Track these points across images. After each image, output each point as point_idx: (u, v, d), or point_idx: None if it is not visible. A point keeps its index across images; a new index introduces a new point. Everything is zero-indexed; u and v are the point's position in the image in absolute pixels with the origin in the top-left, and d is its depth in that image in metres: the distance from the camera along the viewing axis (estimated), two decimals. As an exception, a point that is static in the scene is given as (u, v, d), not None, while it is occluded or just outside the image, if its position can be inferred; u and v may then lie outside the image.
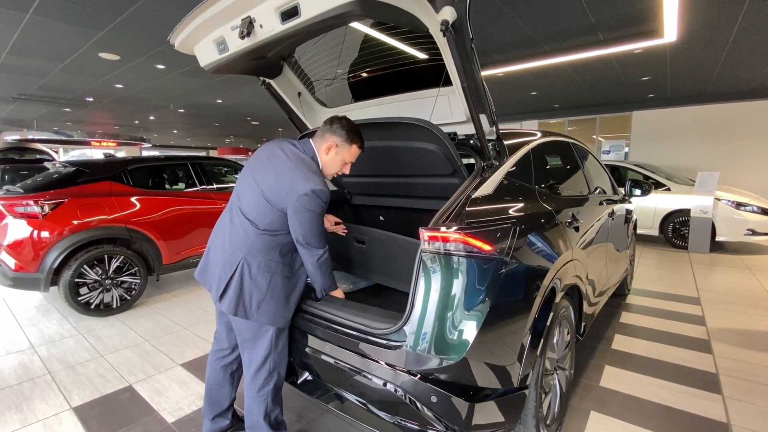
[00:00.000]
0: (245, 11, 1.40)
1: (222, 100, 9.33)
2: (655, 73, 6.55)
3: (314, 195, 1.49)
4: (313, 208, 1.50)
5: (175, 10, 3.94)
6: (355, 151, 1.68)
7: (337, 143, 1.63)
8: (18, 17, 4.04)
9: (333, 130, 1.63)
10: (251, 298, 1.54)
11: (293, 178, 1.53)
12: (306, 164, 1.58)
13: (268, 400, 1.63)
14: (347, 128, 1.63)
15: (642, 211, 6.43)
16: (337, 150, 1.64)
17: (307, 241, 1.55)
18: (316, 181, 1.52)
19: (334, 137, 1.62)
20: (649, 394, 2.25)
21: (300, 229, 1.53)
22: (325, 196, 1.54)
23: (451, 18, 1.31)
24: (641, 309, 3.64)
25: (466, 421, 1.35)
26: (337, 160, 1.66)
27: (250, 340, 1.61)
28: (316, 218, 1.53)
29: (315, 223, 1.54)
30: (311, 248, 1.57)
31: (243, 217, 1.58)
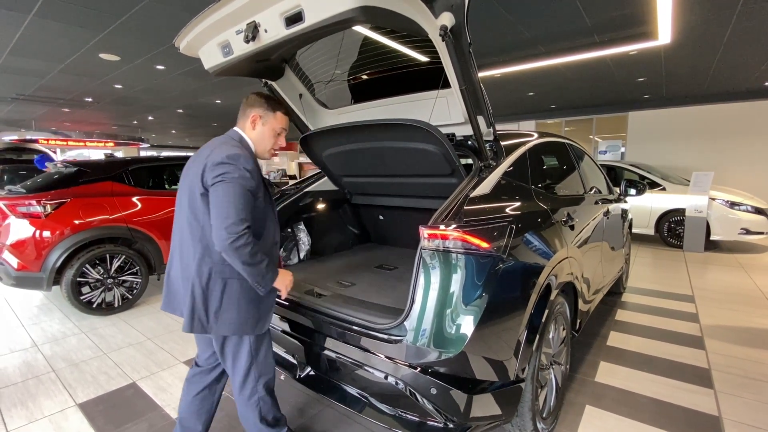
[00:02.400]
0: (250, 16, 1.45)
1: (221, 100, 9.35)
2: (650, 74, 6.63)
3: (229, 160, 1.34)
4: (228, 176, 1.33)
5: (176, 12, 3.97)
6: (281, 119, 1.56)
7: (260, 114, 1.51)
8: (20, 18, 4.06)
9: (251, 103, 1.52)
10: (206, 309, 1.40)
11: (209, 157, 1.39)
12: (226, 143, 1.44)
13: (261, 405, 1.58)
14: (265, 97, 1.53)
15: (638, 211, 6.50)
16: (263, 121, 1.52)
17: (219, 219, 1.30)
18: (232, 149, 1.38)
19: (255, 109, 1.51)
20: (643, 388, 2.30)
21: (215, 207, 1.33)
22: (245, 163, 1.37)
23: (450, 23, 1.36)
24: (636, 306, 3.70)
25: (465, 413, 1.40)
26: (267, 132, 1.53)
27: (226, 355, 1.52)
28: (233, 190, 1.32)
29: (231, 196, 1.32)
30: (222, 228, 1.30)
31: (185, 226, 1.46)
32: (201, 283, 1.40)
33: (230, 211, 1.31)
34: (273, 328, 1.96)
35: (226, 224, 1.30)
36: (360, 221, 2.93)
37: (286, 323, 1.85)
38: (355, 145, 2.15)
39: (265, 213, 1.50)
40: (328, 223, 2.71)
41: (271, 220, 1.55)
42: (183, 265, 1.46)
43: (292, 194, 2.42)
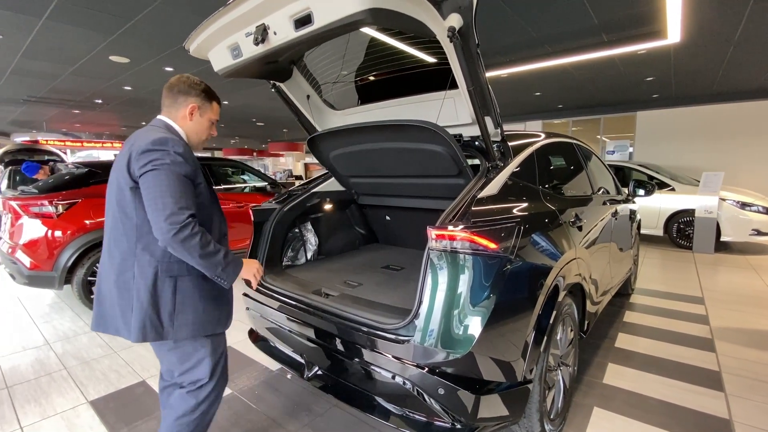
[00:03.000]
0: (260, 19, 1.46)
1: (228, 101, 9.42)
2: (659, 74, 6.56)
3: (156, 146, 1.23)
4: (158, 163, 1.21)
5: (184, 15, 4.02)
6: (217, 109, 1.49)
7: (198, 104, 1.42)
8: (32, 22, 4.14)
9: (185, 91, 1.40)
10: (158, 313, 1.27)
11: (133, 146, 1.26)
12: (151, 131, 1.32)
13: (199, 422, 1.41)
14: (202, 87, 1.44)
15: (646, 212, 6.44)
16: (201, 112, 1.43)
17: (157, 212, 1.17)
18: (159, 134, 1.27)
19: (192, 99, 1.40)
20: (652, 390, 2.28)
21: (150, 199, 1.19)
22: (175, 146, 1.26)
23: (458, 24, 1.36)
24: (645, 308, 3.66)
25: (472, 414, 1.40)
26: (204, 123, 1.46)
27: (181, 364, 1.38)
28: (166, 177, 1.20)
29: (165, 184, 1.20)
30: (162, 220, 1.17)
31: (118, 227, 1.31)
32: (147, 286, 1.26)
33: (167, 200, 1.18)
34: (281, 327, 1.97)
35: (165, 215, 1.16)
36: (367, 222, 2.94)
37: (293, 323, 1.86)
38: (362, 145, 2.16)
39: (208, 203, 1.40)
40: (335, 224, 2.72)
41: (216, 212, 1.46)
42: (118, 272, 1.29)
43: (300, 195, 2.43)
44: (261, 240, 2.25)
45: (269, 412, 2.11)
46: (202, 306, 1.34)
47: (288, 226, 2.36)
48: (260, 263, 1.46)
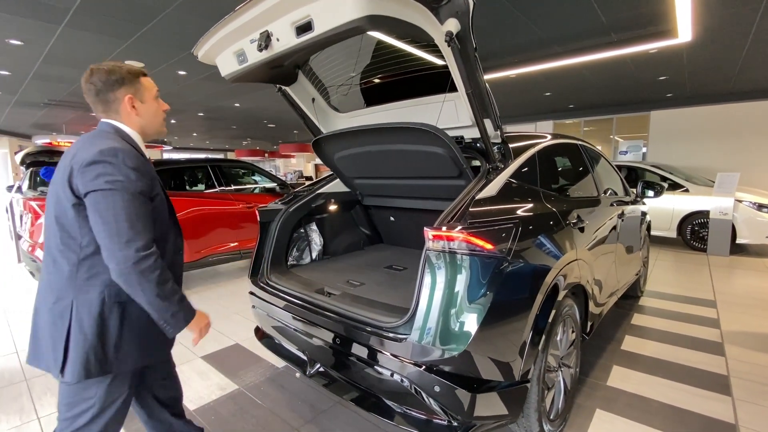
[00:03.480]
0: (263, 26, 1.51)
1: (239, 103, 9.58)
2: (672, 73, 6.45)
3: (105, 157, 1.06)
4: (110, 180, 1.05)
5: (196, 21, 4.12)
6: (148, 82, 1.28)
7: (131, 92, 1.22)
8: (52, 29, 4.29)
9: (111, 86, 1.19)
10: (104, 345, 1.12)
11: (75, 157, 1.10)
12: (98, 136, 1.16)
13: None
14: (122, 72, 1.20)
15: (659, 213, 6.34)
16: (140, 96, 1.24)
17: (112, 240, 1.04)
18: (107, 143, 1.10)
19: (121, 89, 1.20)
20: (656, 393, 2.27)
21: (101, 224, 1.05)
22: (127, 159, 1.09)
23: (455, 29, 1.39)
24: (654, 311, 3.62)
25: (469, 411, 1.42)
26: (151, 106, 1.28)
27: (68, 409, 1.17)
28: (121, 198, 1.05)
29: (120, 206, 1.05)
30: (118, 250, 1.04)
31: (58, 246, 1.14)
32: (92, 314, 1.10)
33: (122, 226, 1.04)
34: (285, 325, 2.02)
35: (121, 244, 1.03)
36: (372, 222, 2.97)
37: (296, 321, 1.90)
38: (365, 147, 2.20)
39: (165, 216, 1.26)
40: (340, 224, 2.76)
41: (173, 225, 1.32)
42: (56, 298, 1.12)
43: (305, 196, 2.48)
44: (267, 240, 2.31)
45: (274, 408, 2.16)
46: (151, 333, 1.19)
47: (293, 227, 2.41)
48: (209, 320, 1.29)
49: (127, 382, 1.22)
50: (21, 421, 2.08)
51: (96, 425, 1.17)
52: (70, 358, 1.09)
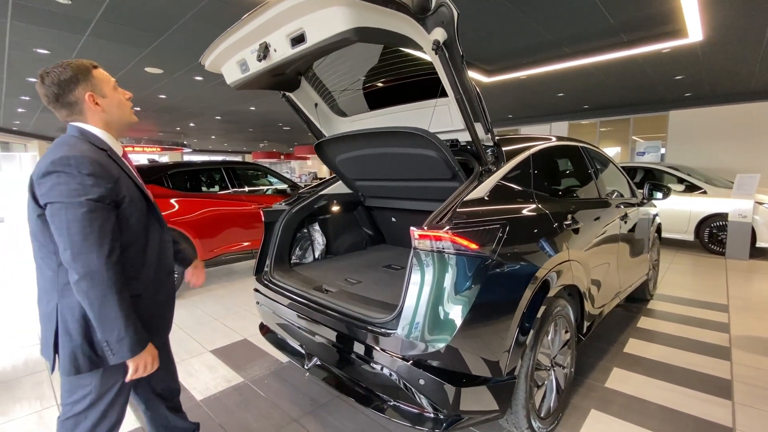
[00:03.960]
0: (262, 38, 1.61)
1: (255, 107, 9.83)
2: (688, 72, 6.31)
3: (56, 167, 1.04)
4: (62, 192, 1.04)
5: (210, 29, 4.29)
6: (102, 75, 1.23)
7: (89, 88, 1.18)
8: (77, 39, 4.55)
9: (66, 87, 1.15)
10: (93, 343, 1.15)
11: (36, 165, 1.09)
12: (58, 144, 1.13)
13: None
14: (73, 69, 1.15)
15: (675, 215, 6.21)
16: (98, 91, 1.20)
17: (65, 254, 1.04)
18: (61, 151, 1.07)
19: (81, 87, 1.16)
20: (655, 396, 2.26)
21: (57, 236, 1.05)
22: (81, 165, 1.06)
23: (442, 38, 1.45)
24: (662, 314, 3.57)
25: (454, 405, 1.47)
26: (113, 98, 1.24)
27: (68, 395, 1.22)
28: (73, 211, 1.04)
29: (72, 219, 1.04)
30: (70, 260, 1.04)
31: (39, 256, 1.18)
32: (74, 317, 1.13)
33: (75, 239, 1.04)
34: (285, 321, 2.11)
35: (73, 257, 1.04)
36: (374, 223, 3.05)
37: (296, 316, 1.99)
38: (363, 150, 2.27)
39: (140, 214, 1.24)
40: (342, 225, 2.85)
41: (153, 220, 1.30)
42: (45, 300, 1.18)
43: (308, 197, 2.57)
44: (271, 239, 2.41)
45: (276, 400, 2.25)
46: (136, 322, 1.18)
47: (296, 227, 2.50)
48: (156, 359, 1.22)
49: (120, 371, 1.22)
50: (41, 406, 2.24)
51: (95, 410, 1.21)
52: (60, 355, 1.14)
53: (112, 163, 1.18)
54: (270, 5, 1.42)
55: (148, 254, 1.28)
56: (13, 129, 12.44)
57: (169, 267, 1.40)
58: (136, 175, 1.28)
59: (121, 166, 1.21)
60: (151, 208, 1.32)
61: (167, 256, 1.38)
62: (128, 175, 1.23)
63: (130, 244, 1.21)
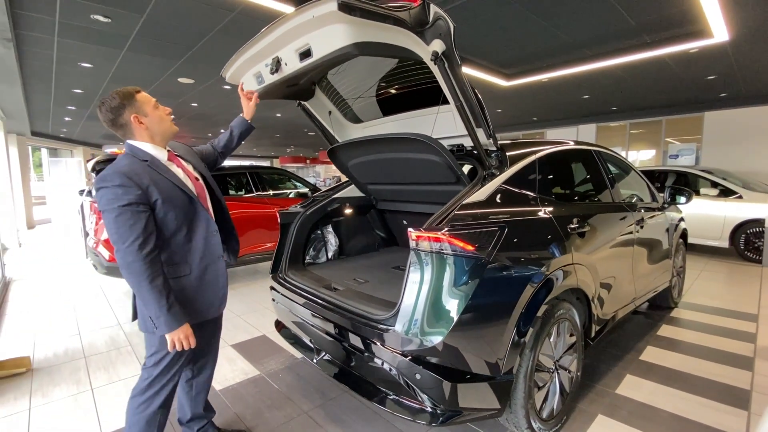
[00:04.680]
0: (274, 53, 1.74)
1: (281, 114, 10.17)
2: (721, 72, 6.05)
3: (99, 183, 1.34)
4: (104, 202, 1.33)
5: (235, 42, 4.53)
6: (144, 97, 1.48)
7: (133, 111, 1.44)
8: (116, 53, 4.91)
9: (117, 113, 1.42)
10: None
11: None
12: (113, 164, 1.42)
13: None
14: (120, 98, 1.42)
15: (708, 221, 5.96)
16: (141, 112, 1.45)
17: (111, 243, 1.35)
18: (107, 169, 1.35)
19: (126, 112, 1.43)
20: (667, 404, 2.22)
21: (106, 231, 1.36)
22: (114, 178, 1.33)
23: (441, 49, 1.53)
24: (686, 323, 3.45)
25: (450, 400, 1.53)
26: (154, 115, 1.49)
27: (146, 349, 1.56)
28: (111, 216, 1.31)
29: (112, 222, 1.31)
30: (115, 251, 1.33)
31: None
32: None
33: (113, 237, 1.32)
34: (298, 317, 2.22)
35: (116, 248, 1.32)
36: (386, 225, 3.13)
37: (307, 313, 2.10)
38: (372, 156, 2.37)
39: (180, 211, 1.47)
40: (355, 227, 2.95)
41: (196, 213, 1.53)
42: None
43: (322, 200, 2.69)
44: (286, 240, 2.54)
45: (288, 393, 2.37)
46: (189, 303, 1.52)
47: (310, 228, 2.63)
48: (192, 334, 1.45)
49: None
50: (77, 390, 2.45)
51: (158, 368, 1.51)
52: (138, 316, 1.52)
53: (147, 172, 1.41)
54: (280, 23, 1.54)
55: (194, 241, 1.53)
56: (61, 136, 13.41)
57: (216, 252, 1.60)
58: (180, 176, 1.53)
59: (159, 172, 1.45)
60: (193, 203, 1.53)
61: (214, 243, 1.59)
62: (167, 178, 1.45)
63: (174, 234, 1.47)
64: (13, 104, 7.04)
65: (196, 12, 3.74)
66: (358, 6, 1.32)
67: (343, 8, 1.30)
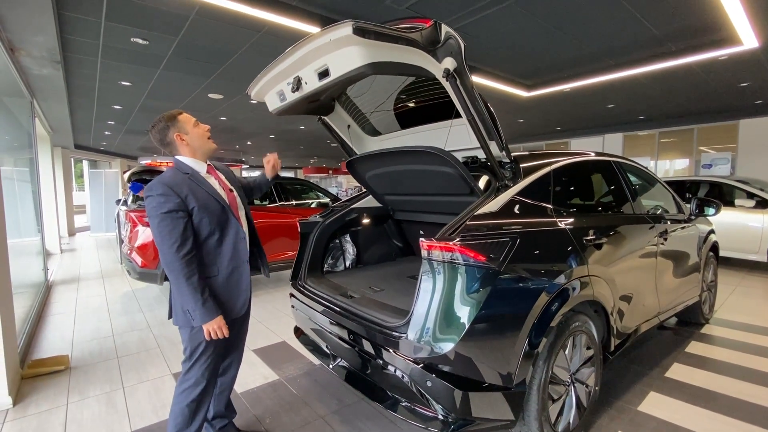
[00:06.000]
0: (295, 72, 1.85)
1: (304, 126, 10.47)
2: (754, 79, 5.82)
3: (145, 193, 1.56)
4: (149, 208, 1.53)
5: (262, 59, 4.75)
6: (185, 118, 1.69)
7: (176, 131, 1.65)
8: (152, 72, 5.25)
9: (164, 133, 1.65)
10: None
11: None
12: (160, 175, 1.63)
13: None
14: (165, 120, 1.65)
15: (744, 234, 5.69)
16: (182, 132, 1.66)
17: (156, 244, 1.53)
18: (153, 180, 1.56)
19: (171, 132, 1.65)
20: (691, 423, 2.14)
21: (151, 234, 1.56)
22: (156, 189, 1.53)
23: (452, 66, 1.59)
24: (717, 340, 3.31)
25: (462, 409, 1.54)
26: (194, 134, 1.68)
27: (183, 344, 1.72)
28: (154, 222, 1.52)
29: (155, 227, 1.52)
30: (159, 252, 1.53)
31: None
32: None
33: (156, 240, 1.52)
34: (315, 324, 2.29)
35: (159, 249, 1.52)
36: (403, 235, 3.18)
37: (324, 320, 2.16)
38: (389, 168, 2.44)
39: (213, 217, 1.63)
40: (372, 236, 3.02)
41: (228, 221, 1.69)
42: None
43: (340, 210, 2.78)
44: (305, 249, 2.63)
45: (305, 398, 2.44)
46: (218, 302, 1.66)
47: (329, 238, 2.71)
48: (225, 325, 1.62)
49: (201, 335, 1.61)
50: (110, 388, 2.60)
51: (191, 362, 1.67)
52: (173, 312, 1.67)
53: (186, 183, 1.61)
54: (299, 46, 1.65)
55: (224, 246, 1.69)
56: (101, 149, 14.25)
57: (243, 257, 1.75)
58: (216, 187, 1.71)
59: (197, 184, 1.64)
60: (225, 211, 1.70)
61: (241, 249, 1.74)
62: (203, 189, 1.64)
63: (207, 238, 1.64)
64: (59, 120, 7.57)
65: (226, 33, 3.97)
66: (372, 29, 1.41)
67: (358, 32, 1.39)
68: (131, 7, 3.39)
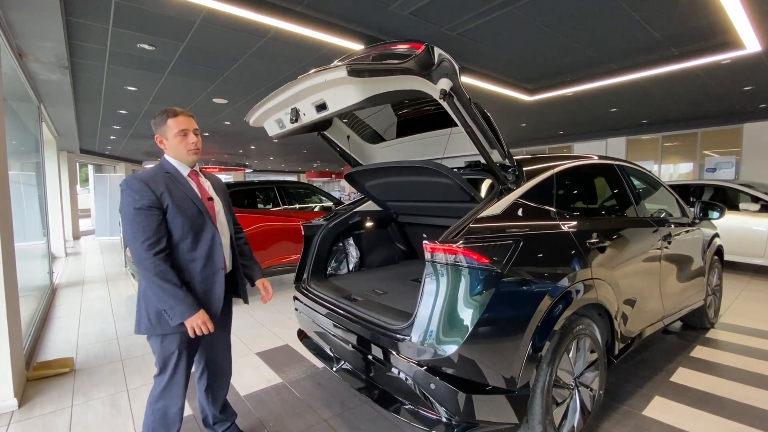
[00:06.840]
0: (293, 104, 1.88)
1: (308, 130, 10.51)
2: (758, 82, 5.81)
3: (122, 185, 1.53)
4: (123, 202, 1.50)
5: (265, 65, 4.80)
6: (173, 122, 1.65)
7: (158, 133, 1.67)
8: (158, 77, 5.31)
9: (155, 126, 1.69)
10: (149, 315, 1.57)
11: None
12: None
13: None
14: (157, 118, 1.68)
15: (749, 238, 5.65)
16: (163, 134, 1.66)
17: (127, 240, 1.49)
18: (126, 178, 1.54)
19: (157, 132, 1.68)
20: (697, 428, 2.12)
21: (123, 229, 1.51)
22: (132, 184, 1.51)
23: (448, 86, 1.57)
24: (722, 344, 3.28)
25: (465, 411, 1.54)
26: (172, 140, 1.65)
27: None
28: (125, 217, 1.48)
29: (126, 221, 1.48)
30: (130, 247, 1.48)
31: None
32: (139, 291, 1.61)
33: (128, 235, 1.48)
34: (319, 326, 2.30)
35: (129, 245, 1.49)
36: (406, 238, 3.19)
37: (327, 323, 2.17)
38: (388, 179, 2.45)
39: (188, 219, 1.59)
40: (376, 240, 3.03)
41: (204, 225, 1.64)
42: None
43: (343, 213, 2.79)
44: (309, 252, 2.65)
45: (309, 401, 2.44)
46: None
47: (332, 241, 2.72)
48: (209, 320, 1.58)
49: (175, 342, 1.59)
50: (114, 390, 2.61)
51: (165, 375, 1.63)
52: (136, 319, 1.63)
53: (164, 181, 1.58)
54: (296, 84, 1.68)
55: (198, 251, 1.62)
56: (106, 153, 14.37)
57: (218, 264, 1.68)
58: (194, 190, 1.66)
59: (176, 183, 1.62)
60: (202, 214, 1.65)
61: (217, 255, 1.67)
62: (182, 189, 1.62)
63: (180, 241, 1.58)
64: (66, 124, 7.66)
65: (231, 38, 4.02)
66: (366, 68, 1.44)
67: (353, 74, 1.42)
68: (138, 13, 3.44)
